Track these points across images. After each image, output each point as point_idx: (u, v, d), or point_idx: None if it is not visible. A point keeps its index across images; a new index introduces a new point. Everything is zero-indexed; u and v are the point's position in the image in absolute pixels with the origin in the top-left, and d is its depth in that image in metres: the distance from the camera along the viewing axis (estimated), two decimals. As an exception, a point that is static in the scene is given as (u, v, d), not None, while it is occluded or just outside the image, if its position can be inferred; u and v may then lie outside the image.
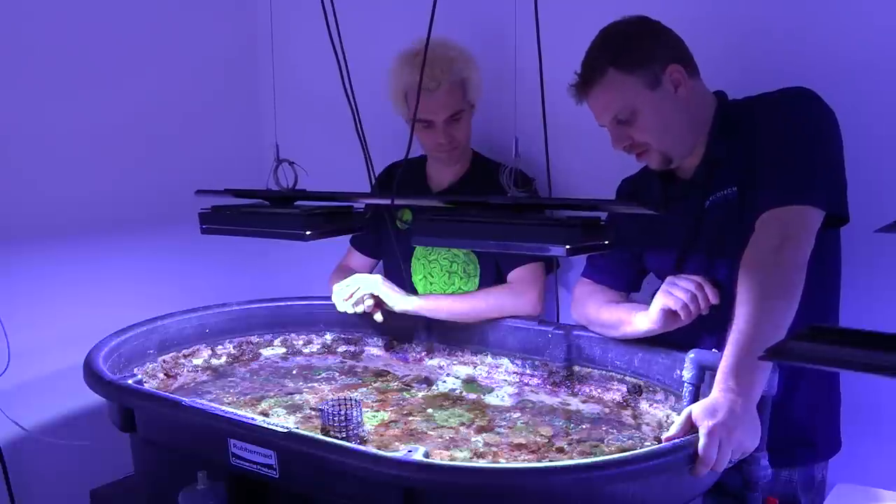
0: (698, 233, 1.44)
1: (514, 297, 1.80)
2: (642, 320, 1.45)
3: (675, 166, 1.45)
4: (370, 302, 1.80)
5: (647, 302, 1.47)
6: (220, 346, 1.89)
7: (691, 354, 1.37)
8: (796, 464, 1.43)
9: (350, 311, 1.80)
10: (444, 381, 1.75)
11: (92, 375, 1.47)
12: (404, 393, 1.69)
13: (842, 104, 1.33)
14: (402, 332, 1.91)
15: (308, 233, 1.31)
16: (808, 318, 1.23)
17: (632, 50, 1.36)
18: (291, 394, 1.68)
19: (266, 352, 1.95)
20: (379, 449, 1.29)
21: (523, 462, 1.33)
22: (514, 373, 1.74)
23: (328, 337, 1.98)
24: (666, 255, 1.51)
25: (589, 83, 1.39)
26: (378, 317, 1.82)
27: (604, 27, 1.41)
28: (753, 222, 1.28)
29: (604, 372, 1.62)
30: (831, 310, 1.43)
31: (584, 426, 1.48)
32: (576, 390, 1.64)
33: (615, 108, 1.39)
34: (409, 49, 1.77)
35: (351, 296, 1.79)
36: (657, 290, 1.57)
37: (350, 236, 2.00)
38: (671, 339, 1.52)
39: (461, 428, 1.48)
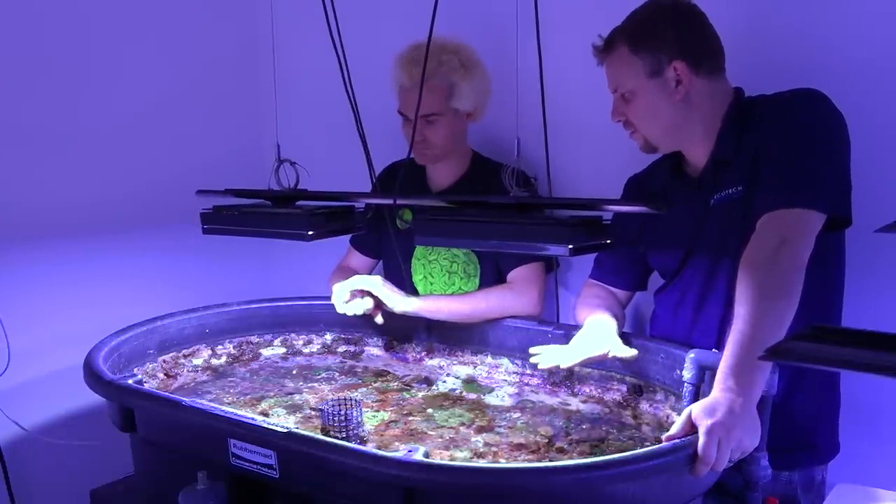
0: (702, 231, 1.44)
1: (515, 297, 1.80)
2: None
3: (662, 152, 1.48)
4: (370, 304, 1.80)
5: (647, 302, 1.47)
6: (220, 346, 1.89)
7: (691, 354, 1.37)
8: (797, 466, 1.43)
9: (350, 313, 1.80)
10: (444, 381, 1.75)
11: (92, 375, 1.47)
12: (404, 393, 1.69)
13: (844, 104, 1.33)
14: (402, 332, 1.91)
15: (310, 233, 1.31)
16: (810, 319, 1.24)
17: (647, 33, 1.38)
18: (291, 394, 1.68)
19: (266, 352, 1.95)
20: (379, 449, 1.29)
21: (523, 462, 1.33)
22: (514, 373, 1.74)
23: (328, 337, 1.98)
24: (670, 253, 1.51)
25: (604, 51, 1.44)
26: (378, 319, 1.82)
27: (645, 2, 1.43)
28: (756, 222, 1.29)
29: (604, 372, 1.62)
30: (834, 312, 1.43)
31: (584, 426, 1.49)
32: (576, 390, 1.64)
33: (616, 83, 1.43)
34: (412, 44, 1.78)
35: (351, 298, 1.79)
36: (659, 287, 1.58)
37: (350, 236, 2.00)
38: (672, 337, 1.53)
39: (461, 428, 1.49)
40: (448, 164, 1.89)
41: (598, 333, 1.48)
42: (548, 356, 1.48)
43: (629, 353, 1.44)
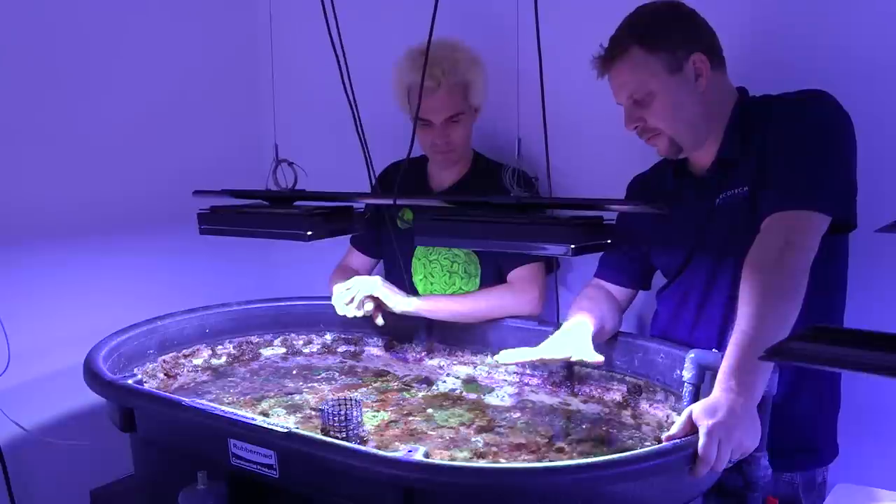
0: (707, 232, 1.44)
1: (515, 297, 1.79)
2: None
3: (684, 156, 1.45)
4: (370, 306, 1.80)
5: (648, 302, 1.47)
6: (220, 346, 1.89)
7: (691, 354, 1.37)
8: (797, 467, 1.43)
9: (350, 314, 1.80)
10: (444, 381, 1.74)
11: (92, 375, 1.47)
12: (404, 393, 1.69)
13: (855, 105, 1.33)
14: (402, 332, 1.91)
15: (309, 233, 1.30)
16: (811, 321, 1.23)
17: (659, 31, 1.36)
18: (291, 394, 1.68)
19: (266, 352, 1.94)
20: (379, 449, 1.29)
21: (523, 462, 1.33)
22: (514, 373, 1.74)
23: (328, 337, 1.98)
24: (674, 252, 1.51)
25: (612, 58, 1.40)
26: (379, 320, 1.82)
27: (639, 6, 1.41)
28: (761, 222, 1.28)
29: (604, 372, 1.61)
30: (835, 315, 1.43)
31: (584, 426, 1.48)
32: (576, 390, 1.64)
33: (632, 87, 1.39)
34: (416, 47, 1.77)
35: (352, 300, 1.79)
36: (662, 287, 1.58)
37: (350, 236, 2.00)
38: (672, 337, 1.53)
39: (461, 428, 1.48)
40: (445, 166, 1.89)
41: (568, 338, 1.46)
42: (508, 353, 1.47)
43: (594, 358, 1.41)
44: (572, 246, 1.07)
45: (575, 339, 1.46)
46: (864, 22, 1.51)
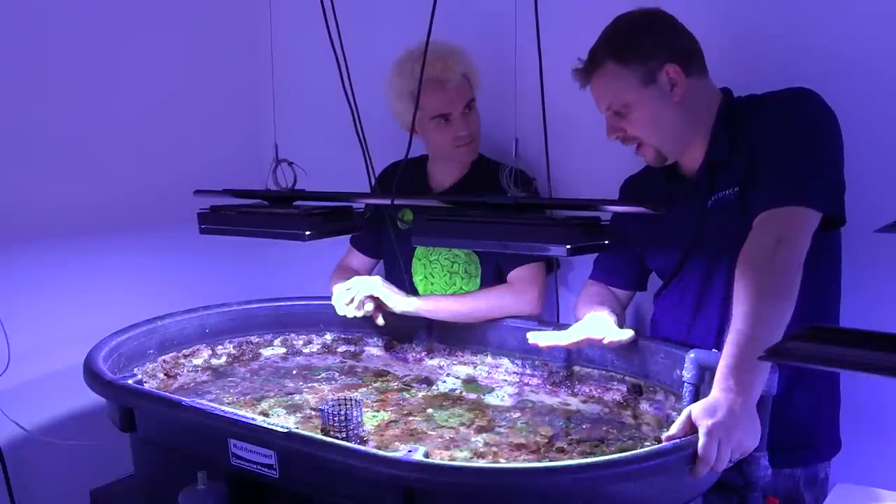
0: (701, 233, 1.44)
1: (515, 297, 1.79)
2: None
3: (671, 162, 1.46)
4: (370, 306, 1.80)
5: (647, 302, 1.47)
6: (220, 346, 1.90)
7: (691, 354, 1.37)
8: (798, 464, 1.43)
9: (350, 315, 1.80)
10: (444, 381, 1.75)
11: (92, 375, 1.47)
12: (404, 393, 1.69)
13: (841, 104, 1.33)
14: (402, 332, 1.91)
15: (307, 233, 1.31)
16: (805, 319, 1.24)
17: (632, 44, 1.37)
18: (291, 394, 1.69)
19: (266, 352, 1.95)
20: (379, 449, 1.29)
21: (523, 462, 1.33)
22: (514, 373, 1.74)
23: (328, 337, 1.98)
24: (668, 255, 1.51)
25: (589, 71, 1.42)
26: (379, 321, 1.82)
27: (616, 17, 1.42)
28: (752, 222, 1.29)
29: (604, 372, 1.62)
30: (829, 312, 1.43)
31: (584, 426, 1.49)
32: (576, 390, 1.64)
33: (609, 99, 1.41)
34: (411, 51, 1.77)
35: (352, 300, 1.79)
36: (658, 290, 1.58)
37: (350, 236, 2.00)
38: (671, 338, 1.53)
39: (461, 428, 1.49)
40: (468, 158, 1.89)
41: (596, 323, 1.50)
42: (547, 335, 1.51)
43: (626, 334, 1.46)
44: (569, 246, 1.07)
45: (602, 323, 1.49)
46: (852, 21, 1.51)
